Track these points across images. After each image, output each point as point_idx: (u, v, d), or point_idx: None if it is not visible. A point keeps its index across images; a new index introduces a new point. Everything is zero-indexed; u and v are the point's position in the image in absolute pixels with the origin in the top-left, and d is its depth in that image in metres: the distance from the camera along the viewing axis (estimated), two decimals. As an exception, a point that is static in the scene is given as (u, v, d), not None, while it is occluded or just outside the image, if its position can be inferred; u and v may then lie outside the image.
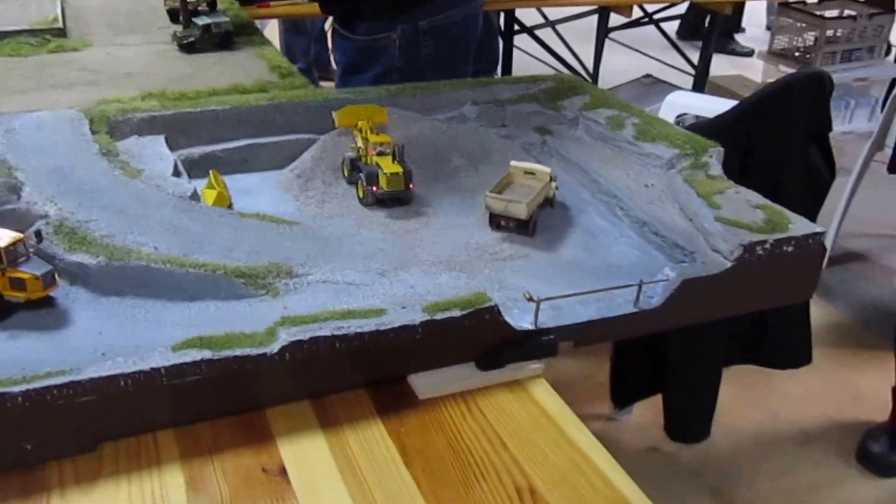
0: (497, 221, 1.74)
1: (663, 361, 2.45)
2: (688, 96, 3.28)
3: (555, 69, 5.71)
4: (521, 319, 1.35)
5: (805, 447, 2.82)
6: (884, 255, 4.03)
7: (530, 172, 1.87)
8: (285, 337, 1.06)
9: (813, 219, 1.45)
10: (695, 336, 2.35)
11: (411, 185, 1.80)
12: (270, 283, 1.39)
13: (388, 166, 1.78)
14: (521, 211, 1.77)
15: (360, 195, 1.84)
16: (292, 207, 1.77)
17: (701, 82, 4.47)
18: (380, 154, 1.81)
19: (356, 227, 1.67)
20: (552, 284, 1.52)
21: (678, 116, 2.97)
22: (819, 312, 3.48)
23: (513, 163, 1.90)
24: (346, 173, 1.92)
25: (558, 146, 2.03)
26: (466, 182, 1.93)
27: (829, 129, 2.19)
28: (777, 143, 2.16)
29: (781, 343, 2.42)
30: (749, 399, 3.10)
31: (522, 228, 1.76)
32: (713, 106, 2.87)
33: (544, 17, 5.09)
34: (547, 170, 1.87)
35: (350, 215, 1.75)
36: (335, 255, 1.52)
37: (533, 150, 1.96)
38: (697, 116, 3.13)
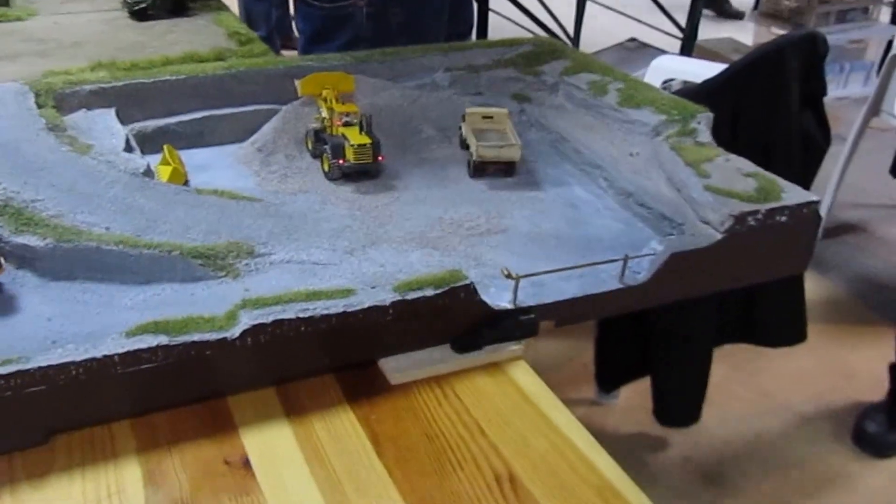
0: (484, 168, 1.77)
1: (650, 341, 2.47)
2: (675, 60, 3.29)
3: (533, 33, 5.70)
4: (498, 298, 1.36)
5: (799, 428, 2.85)
6: (880, 226, 4.07)
7: (488, 116, 1.90)
8: (247, 320, 1.06)
9: (807, 187, 1.46)
10: (683, 313, 2.37)
11: (380, 158, 1.79)
12: (230, 264, 1.39)
13: (355, 137, 1.77)
14: (515, 154, 1.81)
15: (326, 169, 1.83)
16: (253, 183, 1.76)
17: (689, 46, 4.48)
18: (346, 125, 1.80)
19: (321, 203, 1.66)
20: (532, 260, 1.53)
21: (665, 82, 2.97)
22: (813, 286, 3.51)
23: (469, 109, 1.93)
24: (309, 146, 1.91)
25: (537, 114, 2.03)
26: (439, 153, 1.92)
27: (824, 93, 2.20)
28: (769, 108, 2.17)
29: (774, 320, 2.44)
30: (740, 379, 3.12)
31: (508, 172, 1.80)
32: (702, 70, 2.87)
33: (521, -24, 5.08)
34: (503, 110, 1.91)
35: (315, 190, 1.74)
36: (299, 233, 1.51)
37: (510, 117, 1.96)
38: (685, 82, 3.13)
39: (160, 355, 0.97)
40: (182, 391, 1.03)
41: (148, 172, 1.52)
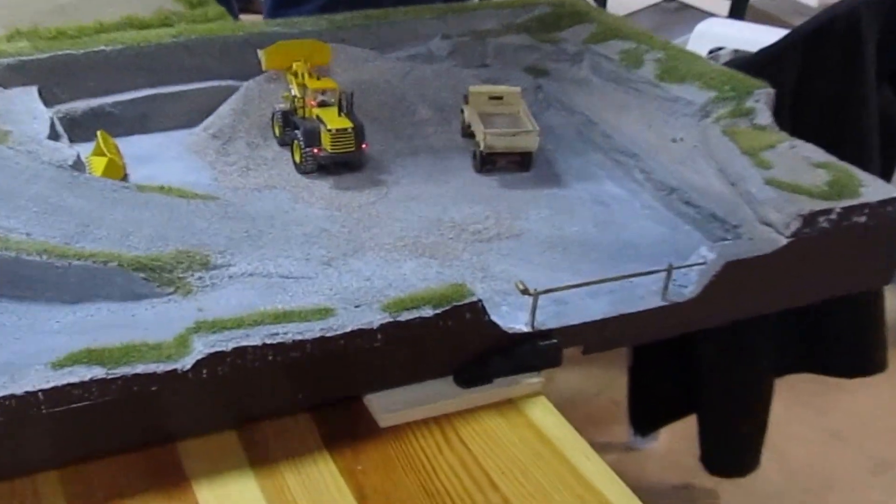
0: (494, 161, 1.76)
1: (697, 372, 2.47)
2: (724, 25, 3.29)
3: (550, -8, 5.72)
4: (512, 319, 1.35)
5: (878, 476, 2.85)
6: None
7: (497, 97, 1.89)
8: (201, 347, 1.05)
9: (888, 180, 1.46)
10: (739, 337, 2.36)
11: (363, 146, 1.79)
12: (180, 278, 1.38)
13: (333, 121, 1.77)
14: (532, 142, 1.79)
15: (297, 160, 1.83)
16: (207, 177, 1.76)
17: (740, 7, 4.50)
18: (321, 105, 1.80)
19: (292, 202, 1.66)
20: (553, 272, 1.52)
21: (712, 51, 2.97)
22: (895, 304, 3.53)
23: (472, 88, 1.92)
24: (277, 131, 1.91)
25: (557, 91, 2.03)
26: (436, 140, 1.92)
27: (908, 65, 2.21)
28: (840, 83, 2.17)
29: (847, 345, 2.44)
30: (806, 418, 3.12)
31: (523, 164, 1.79)
32: (757, 37, 2.87)
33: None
34: (515, 89, 1.90)
35: (284, 186, 1.74)
36: (265, 238, 1.51)
37: (524, 95, 1.96)
38: (737, 51, 3.12)
39: (95, 391, 0.97)
40: (122, 435, 1.02)
41: (78, 165, 1.51)
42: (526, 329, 1.28)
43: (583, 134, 1.83)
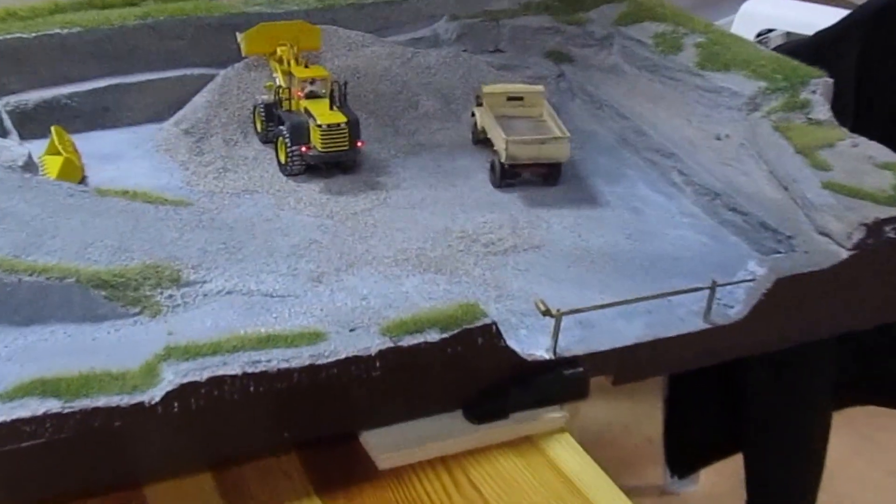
0: (516, 174, 1.75)
1: (744, 405, 2.46)
2: (774, 4, 3.29)
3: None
4: (531, 344, 1.35)
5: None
6: None
7: (516, 97, 1.88)
8: (172, 377, 1.05)
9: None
10: (792, 365, 2.36)
11: (359, 143, 1.79)
12: (147, 296, 1.38)
13: (324, 115, 1.77)
14: (562, 151, 1.77)
15: (282, 159, 1.83)
16: (179, 180, 1.76)
17: (793, -17, 4.48)
18: (311, 96, 1.80)
19: (276, 209, 1.65)
20: (578, 289, 1.52)
21: (760, 34, 2.97)
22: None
23: (486, 87, 1.90)
24: (259, 127, 1.91)
25: (583, 80, 2.03)
26: (443, 136, 1.91)
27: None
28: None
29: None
30: (868, 454, 3.11)
31: (550, 177, 1.77)
32: (812, 17, 2.87)
33: None
34: (537, 88, 1.88)
35: (267, 190, 1.73)
36: (245, 251, 1.51)
37: (544, 85, 1.95)
38: (789, 33, 3.13)
39: (49, 427, 0.97)
40: (81, 478, 1.03)
41: (29, 165, 1.53)
42: (547, 355, 1.28)
43: (612, 130, 1.82)
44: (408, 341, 1.20)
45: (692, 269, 1.42)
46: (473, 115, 1.73)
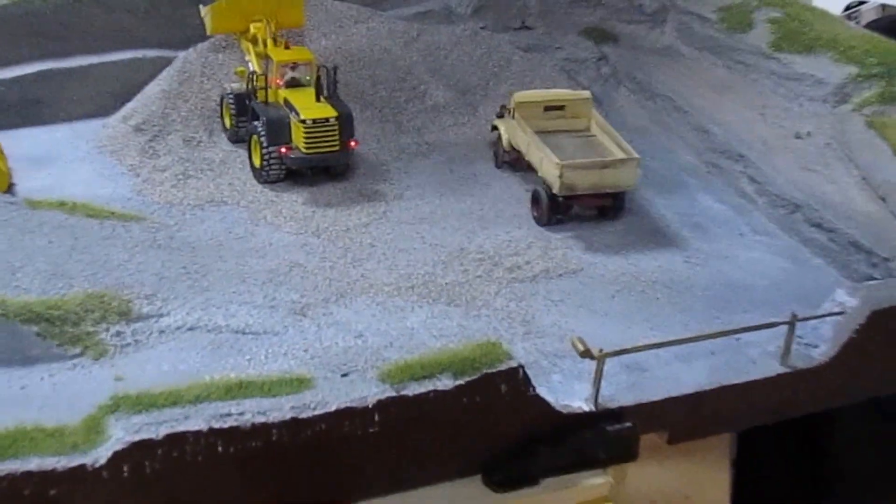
0: (570, 205, 1.72)
1: (829, 467, 2.47)
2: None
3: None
4: (566, 392, 1.34)
5: None
6: None
7: (556, 106, 1.85)
8: (121, 434, 1.05)
9: None
10: (889, 418, 2.36)
11: (352, 143, 1.78)
12: (90, 333, 1.38)
13: (309, 107, 1.77)
14: (630, 175, 1.74)
15: (257, 163, 1.83)
16: (128, 188, 1.76)
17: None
18: (292, 85, 1.80)
19: (250, 224, 1.66)
20: (626, 324, 1.52)
21: (850, 7, 2.99)
22: None
23: (518, 96, 1.87)
24: (227, 122, 1.91)
25: (629, 65, 2.03)
26: (456, 133, 1.92)
27: None
28: None
29: None
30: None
31: (611, 209, 1.75)
32: (916, -15, 2.90)
33: None
34: (583, 94, 1.86)
35: (238, 202, 1.73)
36: (211, 277, 1.50)
37: (581, 70, 1.94)
38: (885, 6, 3.14)
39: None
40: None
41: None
42: (587, 407, 1.27)
43: (666, 126, 1.81)
44: (413, 389, 1.19)
45: (767, 299, 1.41)
46: (495, 129, 1.68)
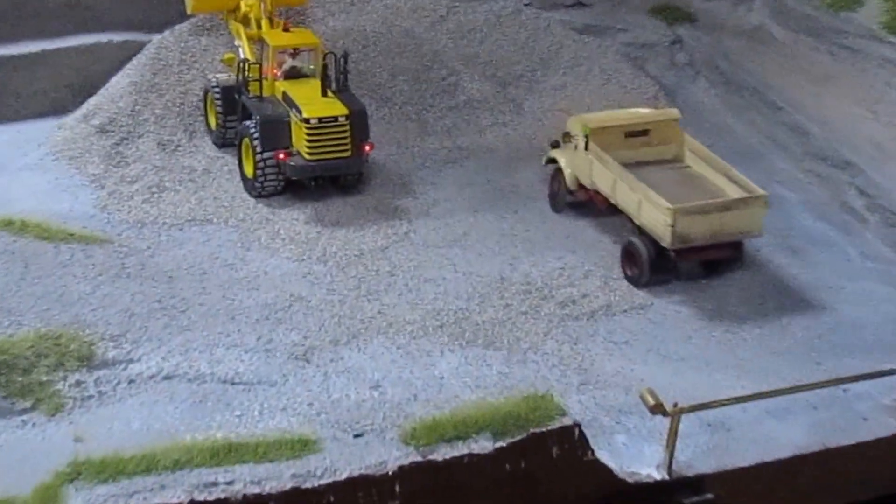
0: (676, 261, 1.74)
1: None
2: None
3: None
4: (635, 456, 1.36)
5: None
6: None
7: (638, 131, 1.86)
8: (81, 507, 1.07)
9: None
10: None
11: (366, 147, 1.79)
12: (43, 383, 1.40)
13: (313, 103, 1.79)
14: (755, 219, 1.74)
15: (249, 172, 1.84)
16: (90, 203, 1.78)
17: None
18: (293, 75, 1.81)
19: (240, 248, 1.68)
20: (705, 372, 1.53)
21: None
22: None
23: (590, 118, 1.88)
24: (212, 122, 1.93)
25: (710, 49, 2.05)
26: (495, 135, 1.94)
27: None
28: None
29: None
30: None
31: (733, 258, 1.76)
32: None
33: None
34: (670, 113, 1.86)
35: (226, 219, 1.75)
36: (193, 313, 1.52)
37: (651, 57, 1.96)
38: None
39: None
40: None
41: None
42: (658, 475, 1.28)
43: (756, 126, 1.83)
44: (443, 453, 1.20)
45: (880, 340, 1.42)
46: (551, 162, 1.69)
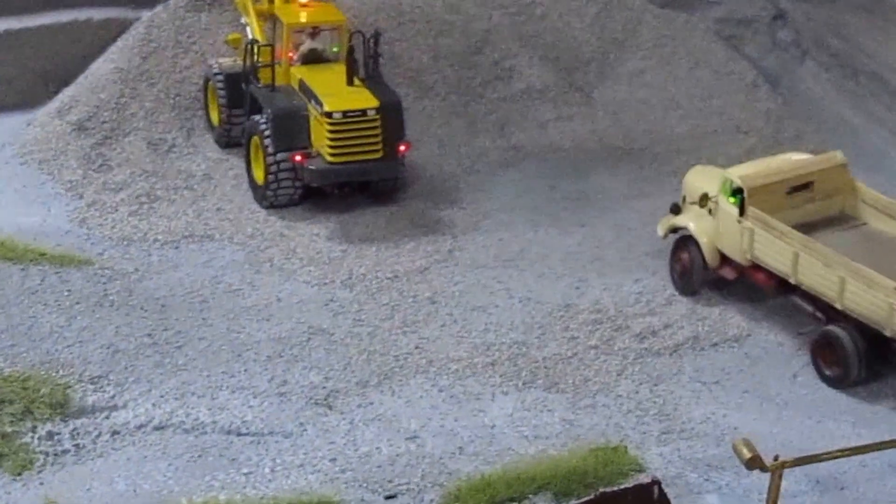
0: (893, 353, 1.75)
1: None
2: None
3: None
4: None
5: None
6: None
7: (803, 184, 1.86)
8: None
9: None
10: None
11: (402, 147, 1.81)
12: (7, 435, 1.41)
13: (337, 93, 1.79)
14: None
15: (259, 178, 1.86)
16: (65, 216, 1.80)
17: None
18: (311, 60, 1.82)
19: (248, 271, 1.69)
20: (813, 418, 1.53)
21: None
22: None
23: (736, 175, 1.88)
24: (214, 117, 1.95)
25: (821, 26, 2.05)
26: (560, 131, 1.95)
27: None
28: None
29: None
30: None
31: None
32: None
33: None
34: (834, 157, 1.87)
35: (231, 236, 1.77)
36: (190, 349, 1.53)
37: (748, 36, 1.96)
38: None
39: None
40: None
41: None
42: (757, 543, 1.30)
43: (876, 118, 1.84)
44: (491, 518, 1.21)
45: None
46: (675, 231, 1.68)
